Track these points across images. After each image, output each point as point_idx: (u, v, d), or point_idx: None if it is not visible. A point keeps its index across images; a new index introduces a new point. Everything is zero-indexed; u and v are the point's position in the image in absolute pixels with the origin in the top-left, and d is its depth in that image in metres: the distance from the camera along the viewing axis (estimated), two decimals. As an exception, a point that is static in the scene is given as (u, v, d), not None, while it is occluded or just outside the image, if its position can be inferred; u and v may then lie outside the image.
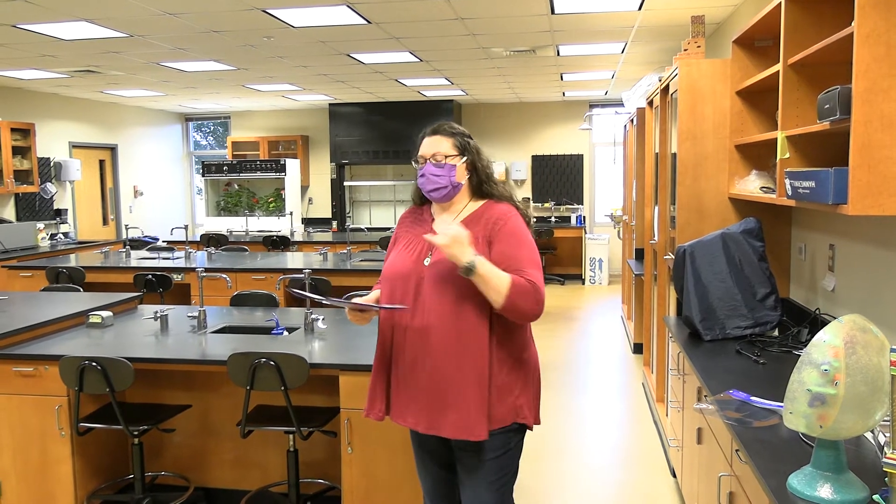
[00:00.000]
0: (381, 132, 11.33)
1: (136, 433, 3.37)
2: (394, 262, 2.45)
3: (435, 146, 2.38)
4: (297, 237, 9.48)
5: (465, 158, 2.39)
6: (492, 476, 2.35)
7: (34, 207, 9.39)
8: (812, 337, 1.71)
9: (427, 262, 2.34)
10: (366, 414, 2.43)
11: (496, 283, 2.17)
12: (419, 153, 2.41)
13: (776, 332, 3.33)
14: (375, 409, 2.41)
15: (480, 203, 2.41)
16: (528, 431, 2.43)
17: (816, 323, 3.12)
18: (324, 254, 6.97)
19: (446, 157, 2.36)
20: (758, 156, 3.70)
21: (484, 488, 2.35)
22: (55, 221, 9.57)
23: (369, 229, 10.41)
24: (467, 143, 2.42)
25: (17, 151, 8.77)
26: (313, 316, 3.80)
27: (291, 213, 10.62)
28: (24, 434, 3.45)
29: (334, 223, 11.69)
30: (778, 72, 2.88)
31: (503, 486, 2.38)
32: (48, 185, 9.52)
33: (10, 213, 9.05)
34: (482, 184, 2.42)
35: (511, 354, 2.32)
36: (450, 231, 2.17)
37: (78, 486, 3.46)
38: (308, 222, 12.15)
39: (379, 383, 2.41)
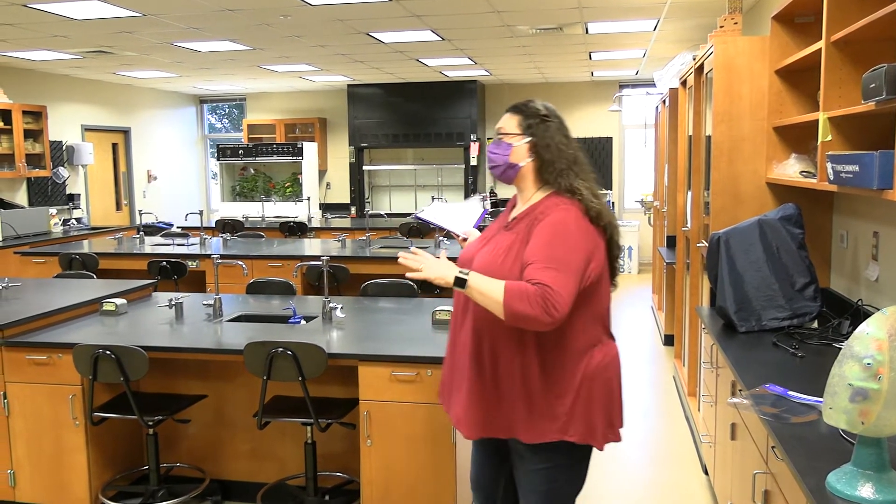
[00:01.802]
0: (401, 114, 11.33)
1: (150, 423, 3.42)
2: (465, 248, 2.50)
3: (502, 123, 2.37)
4: (315, 223, 9.53)
5: (526, 139, 2.30)
6: (539, 486, 2.31)
7: (46, 192, 9.52)
8: (854, 329, 1.69)
9: (483, 251, 2.35)
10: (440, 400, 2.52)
11: (490, 291, 2.09)
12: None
13: (815, 324, 3.30)
14: (441, 398, 2.50)
15: (545, 194, 2.30)
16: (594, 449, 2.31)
17: (859, 314, 3.09)
18: (342, 240, 7.00)
19: (506, 134, 2.34)
20: (797, 138, 3.65)
21: (532, 497, 2.34)
22: (68, 207, 9.70)
23: (389, 215, 10.43)
24: (537, 123, 2.31)
25: (28, 135, 8.89)
26: (331, 305, 3.82)
27: (309, 199, 10.67)
28: (38, 423, 3.51)
29: (353, 209, 11.73)
30: (820, 49, 2.84)
31: (552, 499, 2.31)
32: (60, 169, 9.64)
33: (22, 198, 9.19)
34: (542, 170, 2.29)
35: (557, 362, 2.21)
36: (420, 261, 2.21)
37: (92, 476, 3.52)
38: (326, 208, 12.20)
39: (445, 373, 2.47)
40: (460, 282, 2.14)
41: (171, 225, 9.67)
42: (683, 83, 5.57)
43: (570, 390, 2.22)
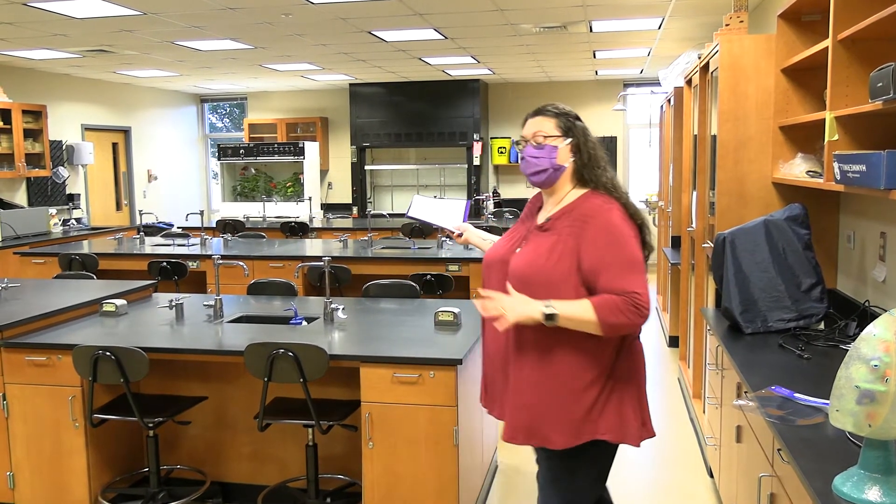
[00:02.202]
0: (403, 114, 11.34)
1: (150, 425, 3.43)
2: (492, 249, 2.53)
3: (536, 126, 2.38)
4: (317, 223, 9.54)
5: (568, 140, 2.36)
6: (556, 474, 2.37)
7: (46, 192, 9.54)
8: (861, 330, 1.68)
9: (518, 252, 2.38)
10: (482, 402, 2.58)
11: (581, 315, 2.18)
12: (521, 134, 2.42)
13: (822, 326, 3.29)
14: (482, 398, 2.56)
15: (581, 192, 2.36)
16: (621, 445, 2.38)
17: (866, 316, 3.08)
18: (344, 241, 7.00)
19: (547, 137, 2.35)
20: (804, 138, 3.65)
21: (549, 488, 2.39)
22: (67, 207, 9.72)
23: (391, 215, 10.42)
24: (573, 124, 2.38)
25: (28, 134, 8.90)
26: (333, 305, 3.83)
27: (310, 199, 10.66)
28: (38, 425, 3.52)
29: (355, 209, 11.74)
30: (827, 48, 2.83)
31: (569, 490, 2.36)
32: (60, 169, 9.66)
33: (21, 197, 9.20)
34: (584, 169, 2.36)
35: (594, 362, 2.27)
36: (500, 306, 2.21)
37: (92, 478, 3.53)
38: (327, 208, 12.21)
39: (483, 370, 2.54)
40: (550, 317, 2.18)
41: (172, 225, 9.68)
42: (688, 82, 5.56)
43: (605, 388, 2.29)
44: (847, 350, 1.69)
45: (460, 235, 2.81)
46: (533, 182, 2.40)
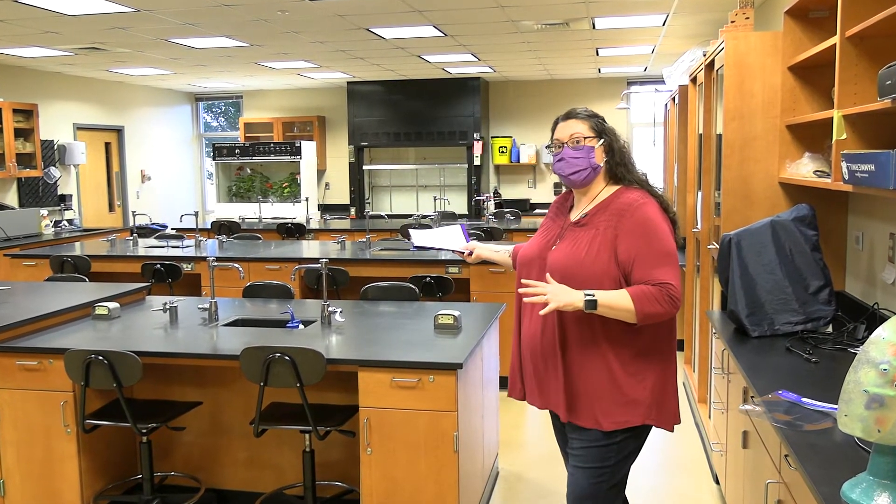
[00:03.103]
0: (402, 112, 11.34)
1: (144, 431, 3.42)
2: (527, 247, 2.66)
3: (571, 129, 2.53)
4: (314, 224, 9.54)
5: (602, 140, 2.52)
6: (589, 462, 2.49)
7: (37, 193, 9.54)
8: (870, 333, 1.69)
9: (553, 249, 2.52)
10: (508, 393, 2.71)
11: (620, 303, 2.33)
12: (554, 138, 2.56)
13: (830, 329, 3.29)
14: (516, 390, 2.67)
15: (613, 189, 2.53)
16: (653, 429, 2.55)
17: (875, 318, 3.08)
18: (341, 242, 7.00)
19: (585, 138, 2.50)
20: (811, 137, 3.65)
21: (581, 473, 2.51)
22: (59, 208, 9.72)
23: (390, 216, 10.43)
24: (603, 125, 2.55)
25: (19, 134, 8.90)
26: (331, 308, 3.83)
27: (307, 199, 10.67)
28: (28, 431, 3.51)
29: (352, 210, 11.74)
30: (834, 45, 2.83)
31: (601, 477, 2.49)
32: (52, 169, 9.66)
33: (12, 198, 9.21)
34: (617, 167, 2.53)
35: (630, 351, 2.43)
36: (543, 291, 2.34)
37: (84, 485, 3.52)
38: (325, 209, 12.21)
39: (515, 364, 2.66)
40: (590, 304, 2.32)
41: (166, 226, 9.67)
42: (693, 80, 5.56)
43: (649, 376, 2.45)
44: (856, 354, 1.69)
45: (471, 254, 2.91)
46: (571, 181, 2.53)
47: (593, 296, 2.32)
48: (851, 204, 3.69)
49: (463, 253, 2.92)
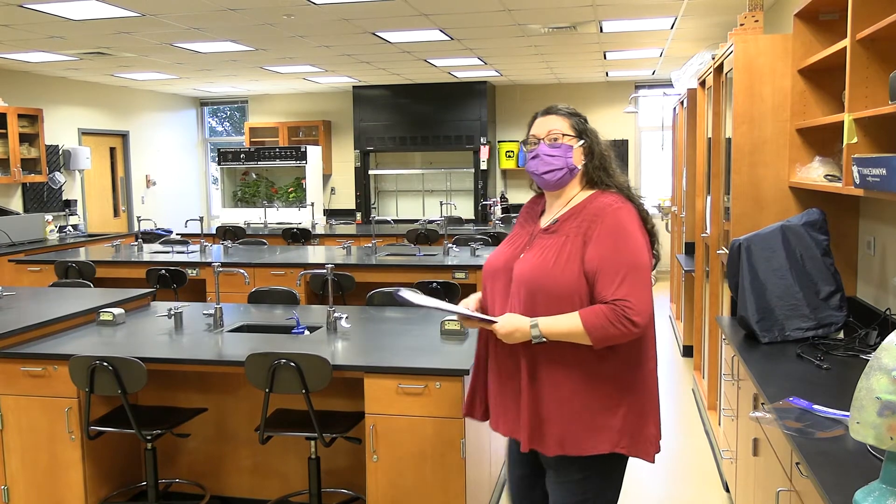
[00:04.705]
0: (408, 117, 11.36)
1: (149, 438, 3.43)
2: (492, 257, 2.47)
3: (551, 124, 2.36)
4: (319, 230, 9.55)
5: (582, 141, 2.36)
6: (572, 498, 2.33)
7: (42, 198, 9.58)
8: (882, 339, 1.68)
9: (522, 258, 2.35)
10: (464, 413, 2.54)
11: (569, 329, 2.18)
12: (530, 133, 2.39)
13: (841, 335, 3.28)
14: (476, 412, 2.50)
15: (588, 194, 2.36)
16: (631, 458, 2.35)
17: (886, 324, 3.07)
18: (347, 248, 7.01)
19: (564, 135, 2.34)
20: (822, 141, 3.64)
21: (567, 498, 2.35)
22: (64, 213, 9.76)
23: (396, 221, 10.43)
24: (585, 126, 2.39)
25: (24, 139, 8.95)
26: (336, 314, 3.83)
27: (313, 204, 10.68)
28: (33, 437, 3.52)
29: (358, 215, 11.76)
30: (845, 48, 2.83)
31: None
32: (57, 174, 9.70)
33: (17, 204, 9.25)
34: (595, 171, 2.36)
35: (602, 374, 2.24)
36: (497, 330, 2.23)
37: (88, 492, 3.53)
38: (330, 214, 12.23)
39: (478, 383, 2.48)
40: (537, 337, 2.20)
41: (171, 232, 9.71)
42: (702, 83, 5.56)
43: (625, 401, 2.26)
44: (867, 360, 1.68)
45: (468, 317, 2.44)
46: (544, 181, 2.36)
47: (538, 329, 2.18)
48: (863, 208, 3.68)
49: (468, 309, 2.44)
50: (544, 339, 2.20)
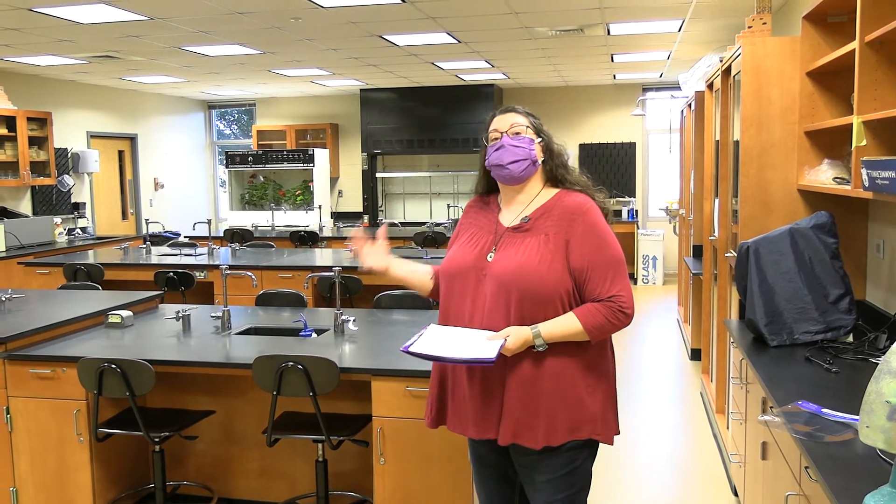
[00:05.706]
0: (416, 119, 11.37)
1: (157, 440, 3.44)
2: (454, 257, 2.46)
3: (512, 119, 2.43)
4: (327, 232, 9.57)
5: (540, 139, 2.43)
6: (559, 493, 2.36)
7: (51, 201, 9.62)
8: (892, 343, 1.67)
9: (490, 257, 2.36)
10: (432, 425, 2.51)
11: (569, 331, 2.26)
12: (491, 129, 2.43)
13: (850, 338, 3.27)
14: (429, 417, 2.50)
15: (553, 192, 2.42)
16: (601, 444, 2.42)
17: (896, 328, 3.05)
18: (355, 250, 7.01)
19: (526, 128, 2.41)
20: (830, 143, 3.63)
21: (549, 488, 2.36)
22: (73, 216, 9.80)
23: (403, 224, 10.47)
24: (541, 126, 2.47)
25: (33, 142, 8.99)
26: (344, 317, 3.83)
27: (320, 207, 10.72)
28: (42, 439, 3.54)
29: (366, 217, 11.77)
30: (854, 50, 2.82)
31: (573, 500, 2.39)
32: (65, 177, 9.75)
33: (26, 206, 9.29)
34: (557, 169, 2.43)
35: (581, 363, 2.31)
36: (511, 347, 2.22)
37: (97, 494, 3.54)
38: (338, 216, 12.25)
39: (434, 387, 2.49)
40: (540, 343, 2.25)
41: (179, 234, 9.73)
42: (710, 86, 5.55)
43: (600, 388, 2.35)
44: (877, 364, 1.68)
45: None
46: (509, 172, 2.35)
47: (540, 335, 2.23)
48: (872, 211, 3.66)
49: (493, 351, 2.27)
50: (547, 346, 2.26)
